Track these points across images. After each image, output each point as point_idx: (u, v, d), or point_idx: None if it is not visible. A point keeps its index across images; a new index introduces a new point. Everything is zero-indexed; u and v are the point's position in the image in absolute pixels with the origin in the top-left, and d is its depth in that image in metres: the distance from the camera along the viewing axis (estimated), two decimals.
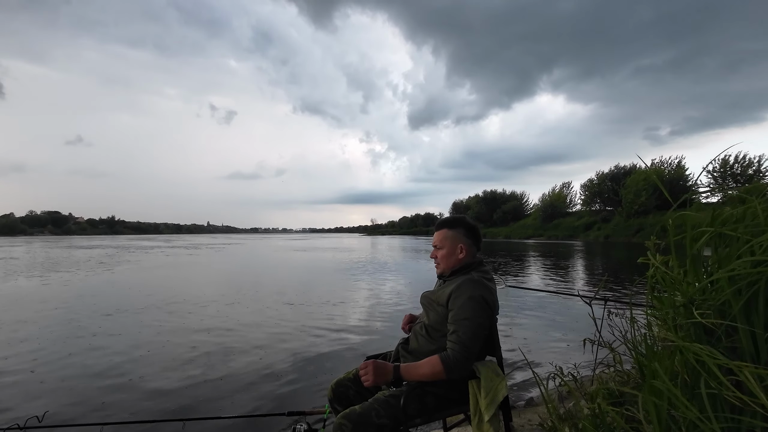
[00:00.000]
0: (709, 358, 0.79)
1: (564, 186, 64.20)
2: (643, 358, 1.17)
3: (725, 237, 1.02)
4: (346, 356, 3.96)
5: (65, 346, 4.26)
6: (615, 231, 43.40)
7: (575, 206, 61.14)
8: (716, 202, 1.36)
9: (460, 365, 1.38)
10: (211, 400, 2.96)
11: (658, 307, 1.16)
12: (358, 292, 8.15)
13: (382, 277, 10.60)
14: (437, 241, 1.66)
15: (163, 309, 6.20)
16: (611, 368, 1.55)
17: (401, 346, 1.68)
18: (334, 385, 1.67)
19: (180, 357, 3.88)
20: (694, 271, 1.04)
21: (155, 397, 3.00)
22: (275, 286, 9.02)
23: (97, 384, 3.25)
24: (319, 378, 3.37)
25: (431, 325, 1.54)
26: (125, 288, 8.70)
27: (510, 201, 75.70)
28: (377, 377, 1.41)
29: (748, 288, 0.86)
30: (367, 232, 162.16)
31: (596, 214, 52.37)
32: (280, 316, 5.76)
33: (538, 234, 55.25)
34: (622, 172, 50.79)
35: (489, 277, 1.58)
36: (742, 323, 0.85)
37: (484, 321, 1.44)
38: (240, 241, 50.02)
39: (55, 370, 3.56)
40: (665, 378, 0.89)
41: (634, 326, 1.27)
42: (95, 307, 6.30)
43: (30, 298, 7.33)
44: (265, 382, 3.30)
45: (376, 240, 53.46)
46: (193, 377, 3.37)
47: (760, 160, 38.39)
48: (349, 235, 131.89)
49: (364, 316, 5.83)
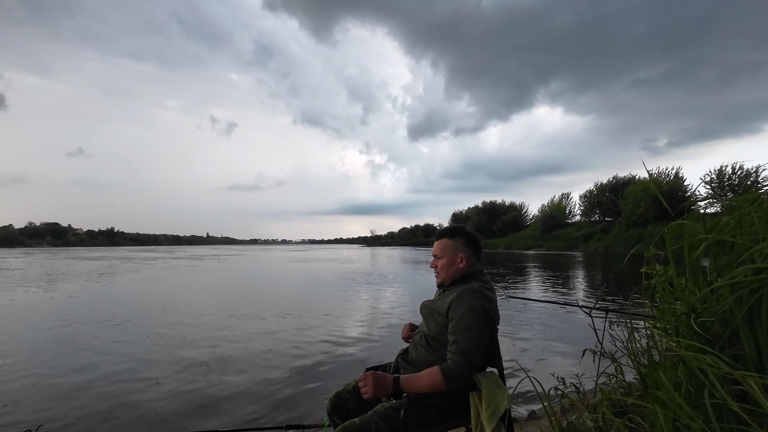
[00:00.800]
0: (711, 368, 0.79)
1: (563, 197, 64.44)
2: (645, 369, 1.16)
3: (723, 246, 1.02)
4: (345, 368, 3.91)
5: (65, 355, 4.21)
6: (615, 241, 43.35)
7: (574, 217, 61.26)
8: (714, 212, 1.36)
9: (461, 376, 1.37)
10: (207, 412, 2.91)
11: (660, 317, 1.16)
12: (357, 302, 8.10)
13: (381, 288, 10.54)
14: (437, 250, 1.65)
15: (164, 319, 6.14)
16: (613, 379, 1.53)
17: (401, 356, 1.66)
18: (333, 397, 1.65)
19: (177, 367, 3.83)
20: (694, 280, 1.04)
21: (151, 408, 2.95)
22: (274, 297, 8.96)
23: (91, 396, 3.20)
24: (318, 390, 3.32)
25: (431, 335, 1.53)
26: (126, 298, 8.63)
27: (509, 212, 75.82)
28: (377, 389, 1.39)
29: (749, 296, 0.86)
30: (367, 243, 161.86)
31: (596, 224, 52.43)
32: (278, 326, 5.70)
33: (538, 244, 55.15)
34: (621, 182, 51.05)
35: (489, 286, 1.57)
36: (744, 332, 0.84)
37: (484, 331, 1.43)
38: (240, 252, 49.89)
39: (54, 380, 3.50)
40: (670, 387, 0.88)
41: (634, 336, 1.26)
42: (95, 317, 6.24)
43: (40, 308, 7.27)
44: (262, 394, 3.25)
45: (376, 251, 53.34)
46: (190, 389, 3.32)
47: (757, 171, 38.59)
48: (349, 246, 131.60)
49: (363, 327, 5.78)
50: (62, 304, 7.90)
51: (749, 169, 38.76)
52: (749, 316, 0.85)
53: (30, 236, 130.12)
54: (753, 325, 0.85)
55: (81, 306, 7.63)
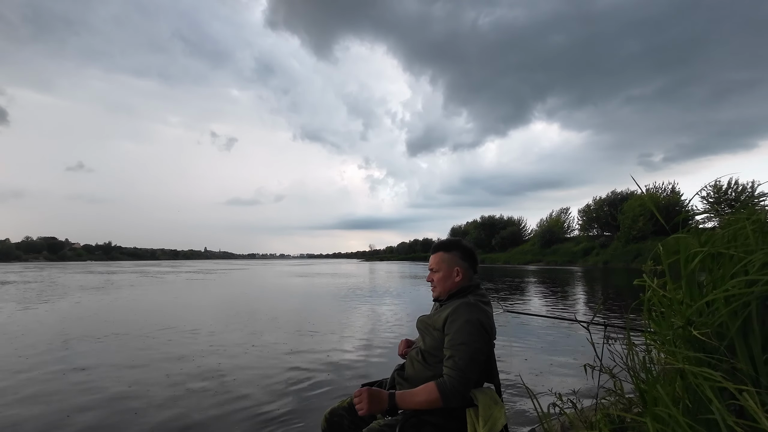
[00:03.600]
0: (708, 382, 0.78)
1: (562, 211, 64.59)
2: (643, 385, 1.14)
3: (719, 259, 1.03)
4: (340, 384, 3.83)
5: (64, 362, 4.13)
6: (614, 256, 43.26)
7: (573, 231, 61.26)
8: (711, 227, 1.37)
9: (457, 392, 1.34)
10: (200, 428, 2.85)
11: (657, 330, 1.15)
12: (355, 317, 8.01)
13: (379, 303, 10.44)
14: (433, 263, 1.65)
15: (162, 334, 6.06)
16: (612, 394, 1.51)
17: (397, 372, 1.64)
18: (328, 414, 1.62)
19: (173, 380, 3.76)
20: (690, 293, 1.04)
21: (149, 423, 2.89)
22: (272, 312, 8.85)
23: (89, 414, 3.13)
24: (313, 406, 3.25)
25: (427, 350, 1.51)
26: (129, 312, 8.53)
27: (508, 226, 75.81)
28: (372, 405, 1.36)
29: (743, 309, 0.85)
30: (365, 257, 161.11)
31: (594, 239, 52.39)
32: (276, 340, 5.62)
33: (537, 259, 54.99)
34: (619, 197, 51.24)
35: (486, 300, 1.56)
36: (739, 345, 0.84)
37: (481, 346, 1.41)
38: (242, 266, 49.55)
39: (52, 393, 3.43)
40: (669, 403, 0.87)
41: (632, 350, 1.25)
42: (97, 329, 6.15)
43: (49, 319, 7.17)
44: (255, 410, 3.18)
45: (374, 266, 53.06)
46: (184, 404, 3.25)
47: (753, 186, 38.85)
48: (347, 260, 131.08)
49: (360, 342, 5.70)
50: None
51: (744, 184, 39.06)
52: (744, 329, 0.85)
53: (26, 251, 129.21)
54: (747, 338, 0.84)
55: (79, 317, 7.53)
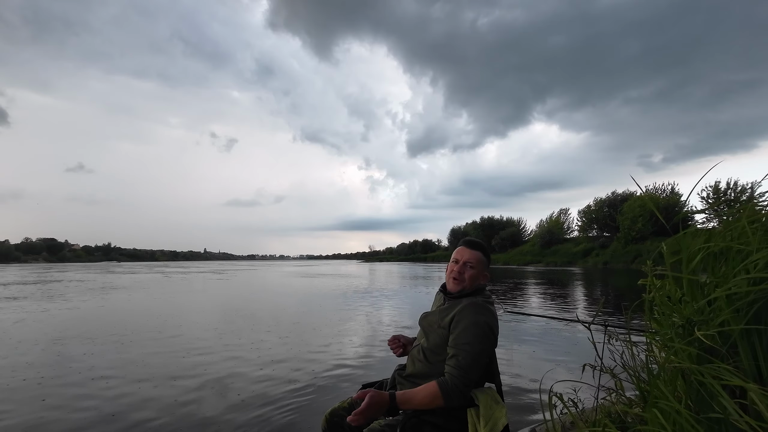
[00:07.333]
0: (714, 379, 0.77)
1: (561, 212, 64.59)
2: (644, 384, 1.14)
3: (720, 259, 1.02)
4: (341, 384, 3.82)
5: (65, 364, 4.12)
6: (613, 257, 43.26)
7: (573, 232, 61.26)
8: (712, 227, 1.37)
9: (459, 392, 1.33)
10: (200, 429, 2.84)
11: (658, 330, 1.15)
12: (356, 318, 8.00)
13: (380, 303, 10.43)
14: (472, 259, 1.57)
15: (161, 337, 6.05)
16: (613, 393, 1.51)
17: (398, 372, 1.63)
18: (328, 414, 1.61)
19: (173, 383, 3.75)
20: (691, 292, 1.04)
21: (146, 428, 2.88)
22: (273, 312, 8.84)
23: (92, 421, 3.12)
24: (313, 407, 3.24)
25: (430, 348, 1.50)
26: (131, 315, 8.52)
27: (507, 227, 75.82)
28: (369, 416, 1.31)
29: (747, 307, 0.85)
30: (365, 258, 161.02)
31: (594, 240, 52.38)
32: (276, 341, 5.61)
33: (536, 260, 54.99)
34: (619, 198, 51.25)
35: (491, 302, 1.56)
36: (742, 343, 0.83)
37: (485, 348, 1.40)
38: (248, 267, 49.53)
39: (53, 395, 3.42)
40: (671, 397, 0.86)
41: (633, 350, 1.25)
42: (106, 330, 6.15)
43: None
44: (255, 411, 3.17)
45: (374, 266, 53.05)
46: (182, 407, 3.24)
47: (752, 187, 38.87)
48: (347, 261, 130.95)
49: (361, 342, 5.69)
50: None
51: (744, 185, 39.10)
52: (747, 328, 0.84)
53: (26, 252, 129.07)
54: (751, 336, 0.84)
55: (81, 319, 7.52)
